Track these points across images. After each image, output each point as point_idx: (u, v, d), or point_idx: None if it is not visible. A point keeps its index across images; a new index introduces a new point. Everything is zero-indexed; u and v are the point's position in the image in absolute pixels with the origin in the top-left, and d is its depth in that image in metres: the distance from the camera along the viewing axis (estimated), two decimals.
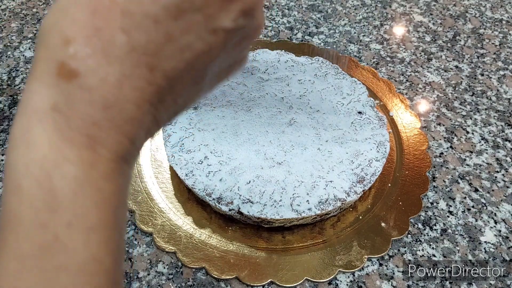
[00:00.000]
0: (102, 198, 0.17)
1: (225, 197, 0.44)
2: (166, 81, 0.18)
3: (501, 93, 0.62)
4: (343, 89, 0.55)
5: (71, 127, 0.16)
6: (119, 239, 0.18)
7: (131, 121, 0.18)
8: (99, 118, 0.17)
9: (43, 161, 0.16)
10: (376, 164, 0.47)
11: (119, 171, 0.18)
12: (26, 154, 0.16)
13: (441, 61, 0.66)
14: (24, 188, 0.16)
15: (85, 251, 0.17)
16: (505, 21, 0.74)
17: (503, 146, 0.55)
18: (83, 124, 0.17)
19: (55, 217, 0.16)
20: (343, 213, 0.48)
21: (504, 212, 0.49)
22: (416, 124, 0.56)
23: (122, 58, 0.17)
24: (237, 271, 0.43)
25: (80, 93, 0.16)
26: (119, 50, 0.16)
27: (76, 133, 0.16)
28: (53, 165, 0.16)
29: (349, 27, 0.72)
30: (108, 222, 0.17)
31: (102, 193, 0.17)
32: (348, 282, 0.43)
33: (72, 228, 0.16)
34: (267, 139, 0.49)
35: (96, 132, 0.17)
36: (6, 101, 0.59)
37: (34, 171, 0.16)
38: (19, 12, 0.73)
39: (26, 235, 0.16)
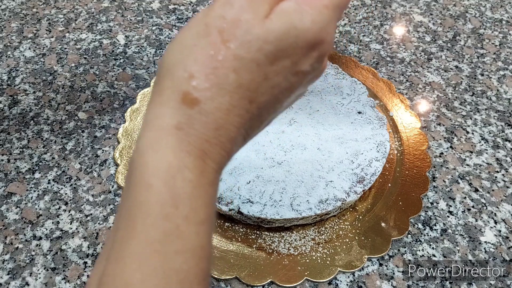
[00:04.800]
0: (209, 199, 0.22)
1: (225, 197, 0.44)
2: (258, 111, 0.23)
3: (501, 93, 0.62)
4: (343, 89, 0.55)
5: (190, 142, 0.21)
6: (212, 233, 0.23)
7: (231, 140, 0.22)
8: (211, 137, 0.21)
9: (169, 166, 0.20)
10: (376, 164, 0.47)
11: (217, 179, 0.23)
12: (155, 159, 0.20)
13: (441, 61, 0.66)
14: (153, 185, 0.20)
15: (197, 240, 0.21)
16: (505, 21, 0.74)
17: (503, 146, 0.55)
18: (199, 141, 0.21)
19: (177, 211, 0.20)
20: (343, 213, 0.48)
21: (504, 212, 0.49)
22: (416, 124, 0.56)
23: (232, 92, 0.21)
24: (237, 271, 0.43)
25: (199, 116, 0.21)
26: (230, 85, 0.21)
27: (193, 147, 0.21)
28: (176, 170, 0.20)
29: (349, 27, 0.72)
30: (210, 218, 0.22)
31: (208, 195, 0.22)
32: (348, 282, 0.43)
33: (189, 220, 0.20)
34: (267, 139, 0.49)
35: (207, 147, 0.21)
36: (6, 101, 0.59)
37: (162, 173, 0.20)
38: (19, 12, 0.73)
39: (154, 223, 0.20)
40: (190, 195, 0.21)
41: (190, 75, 0.21)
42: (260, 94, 0.22)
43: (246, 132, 0.23)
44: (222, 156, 0.22)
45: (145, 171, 0.20)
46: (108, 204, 0.48)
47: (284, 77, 0.23)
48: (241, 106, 0.22)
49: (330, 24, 0.23)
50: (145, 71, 0.63)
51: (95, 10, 0.74)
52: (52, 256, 0.44)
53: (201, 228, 0.21)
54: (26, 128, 0.56)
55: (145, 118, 0.22)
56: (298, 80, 0.24)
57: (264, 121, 0.25)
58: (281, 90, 0.23)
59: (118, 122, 0.56)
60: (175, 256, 0.20)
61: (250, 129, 0.24)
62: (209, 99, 0.21)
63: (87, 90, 0.61)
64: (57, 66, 0.64)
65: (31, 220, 0.47)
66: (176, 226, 0.20)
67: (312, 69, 0.24)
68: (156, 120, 0.21)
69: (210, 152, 0.22)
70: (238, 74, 0.21)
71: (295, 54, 0.22)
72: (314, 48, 0.23)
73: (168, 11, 0.74)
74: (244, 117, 0.22)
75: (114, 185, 0.50)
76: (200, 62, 0.21)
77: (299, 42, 0.22)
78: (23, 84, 0.61)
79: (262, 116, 0.24)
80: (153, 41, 0.68)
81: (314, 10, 0.22)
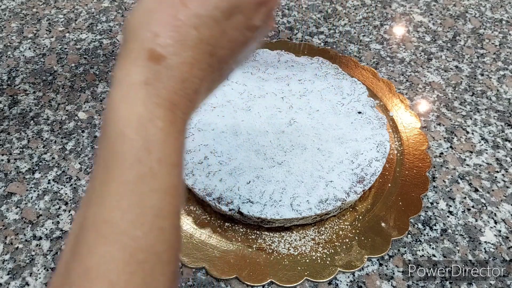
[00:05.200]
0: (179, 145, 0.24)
1: (225, 197, 0.44)
2: (218, 64, 0.25)
3: (501, 93, 0.62)
4: (343, 89, 0.55)
5: (159, 95, 0.23)
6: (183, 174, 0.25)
7: (196, 92, 0.24)
8: (178, 89, 0.23)
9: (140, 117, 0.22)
10: (376, 164, 0.47)
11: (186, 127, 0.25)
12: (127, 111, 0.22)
13: (441, 61, 0.66)
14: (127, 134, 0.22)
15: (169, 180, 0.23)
16: (505, 21, 0.74)
17: (503, 146, 0.55)
18: (167, 93, 0.23)
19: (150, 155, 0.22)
20: (343, 213, 0.48)
21: (504, 212, 0.49)
22: (416, 124, 0.56)
23: (194, 47, 0.23)
24: (237, 271, 0.43)
25: (166, 71, 0.23)
26: (192, 41, 0.23)
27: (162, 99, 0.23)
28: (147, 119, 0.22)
29: (349, 27, 0.72)
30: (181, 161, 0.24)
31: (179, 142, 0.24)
32: (348, 282, 0.43)
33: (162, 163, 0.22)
34: (267, 139, 0.49)
35: (175, 99, 0.23)
36: (6, 101, 0.59)
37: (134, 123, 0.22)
38: (19, 12, 0.73)
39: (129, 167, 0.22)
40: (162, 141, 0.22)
41: (154, 35, 0.23)
42: (219, 48, 0.25)
43: (209, 84, 0.26)
44: (189, 106, 0.24)
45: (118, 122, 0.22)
46: None
47: (239, 31, 0.26)
48: (203, 60, 0.24)
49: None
50: None
51: (95, 10, 0.74)
52: (52, 256, 0.44)
53: (173, 169, 0.23)
54: (26, 128, 0.56)
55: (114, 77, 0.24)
56: (251, 34, 0.27)
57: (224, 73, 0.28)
58: (237, 44, 0.26)
59: None
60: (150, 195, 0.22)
61: (212, 82, 0.26)
62: (173, 55, 0.23)
63: (87, 90, 0.61)
64: (57, 66, 0.64)
65: (31, 220, 0.47)
66: (150, 168, 0.22)
67: (263, 23, 0.27)
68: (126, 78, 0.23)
69: (178, 103, 0.23)
70: (198, 31, 0.23)
71: (247, 10, 0.25)
72: (262, 4, 0.26)
73: None
74: (206, 70, 0.25)
75: None
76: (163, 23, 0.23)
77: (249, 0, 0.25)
78: (23, 84, 0.61)
79: (222, 69, 0.27)
80: None
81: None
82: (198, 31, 0.23)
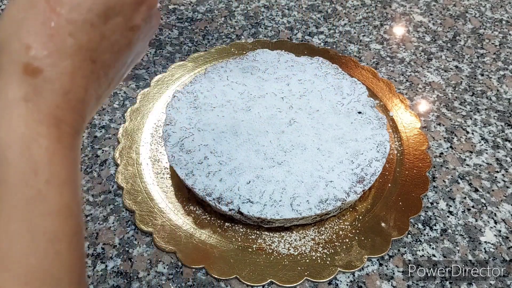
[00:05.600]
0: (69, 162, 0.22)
1: (225, 197, 0.44)
2: (103, 69, 0.24)
3: (501, 93, 0.62)
4: (343, 89, 0.55)
5: (40, 111, 0.21)
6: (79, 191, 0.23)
7: (83, 102, 0.23)
8: (61, 102, 0.22)
9: (23, 137, 0.21)
10: (376, 164, 0.47)
11: (76, 142, 0.23)
12: (8, 132, 0.21)
13: (441, 61, 0.66)
14: (9, 158, 0.20)
15: (61, 200, 0.21)
16: (505, 21, 0.74)
17: (503, 146, 0.55)
18: (49, 108, 0.22)
19: (37, 177, 0.21)
20: (343, 213, 0.48)
21: (504, 212, 0.49)
22: (416, 124, 0.56)
23: (72, 55, 0.22)
24: (237, 271, 0.43)
25: (45, 84, 0.21)
26: (70, 49, 0.22)
27: (44, 116, 0.21)
28: (30, 139, 0.21)
29: (349, 27, 0.72)
30: (73, 178, 0.23)
31: (67, 159, 0.22)
32: (348, 282, 0.43)
33: (50, 184, 0.21)
34: (267, 139, 0.49)
35: (59, 113, 0.22)
36: None
37: (16, 145, 0.21)
38: None
39: (16, 191, 0.20)
40: (48, 161, 0.21)
41: (26, 47, 0.21)
42: (101, 52, 0.24)
43: (96, 92, 0.24)
44: (77, 119, 0.23)
45: None
46: (108, 204, 0.48)
47: (120, 33, 0.25)
48: (85, 67, 0.23)
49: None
50: (145, 71, 0.63)
51: None
52: None
53: (65, 189, 0.22)
54: None
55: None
56: (135, 35, 0.26)
57: (112, 79, 0.26)
58: (121, 46, 0.25)
59: (118, 122, 0.56)
60: (40, 219, 0.20)
61: (99, 89, 0.25)
62: (50, 66, 0.21)
63: None
64: None
65: None
66: (38, 190, 0.21)
67: (145, 23, 0.26)
68: (2, 95, 0.21)
69: (64, 117, 0.22)
70: (74, 37, 0.22)
71: (125, 10, 0.24)
72: (141, 3, 0.25)
73: (168, 11, 0.74)
74: (90, 78, 0.23)
75: (114, 185, 0.50)
76: (33, 32, 0.21)
77: None
78: None
79: (109, 75, 0.25)
80: (153, 41, 0.68)
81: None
82: (74, 37, 0.22)
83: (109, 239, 0.46)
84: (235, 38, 0.69)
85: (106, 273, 0.43)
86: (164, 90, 0.60)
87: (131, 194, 0.48)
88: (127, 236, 0.46)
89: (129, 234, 0.46)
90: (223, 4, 0.76)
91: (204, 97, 0.54)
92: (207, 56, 0.65)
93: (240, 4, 0.76)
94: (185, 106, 0.52)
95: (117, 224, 0.47)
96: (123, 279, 0.43)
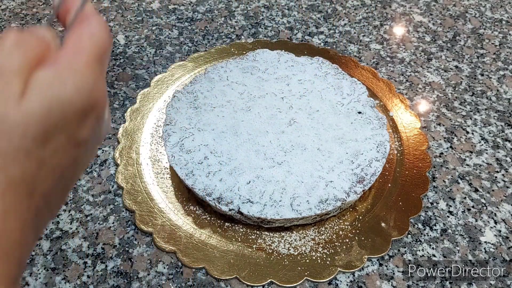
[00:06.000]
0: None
1: (225, 197, 0.44)
2: (43, 200, 0.20)
3: (501, 93, 0.62)
4: (343, 89, 0.55)
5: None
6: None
7: (18, 245, 0.19)
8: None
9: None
10: (376, 164, 0.47)
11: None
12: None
13: (441, 61, 0.66)
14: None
15: None
16: (505, 21, 0.74)
17: (503, 146, 0.55)
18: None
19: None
20: (343, 213, 0.48)
21: (504, 212, 0.49)
22: (416, 124, 0.56)
23: (2, 194, 0.18)
24: (237, 271, 0.43)
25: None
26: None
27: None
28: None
29: (349, 27, 0.72)
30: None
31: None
32: (348, 282, 0.43)
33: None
34: (267, 139, 0.49)
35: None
36: None
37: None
38: (19, 12, 0.73)
39: None
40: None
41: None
42: (40, 182, 0.20)
43: (36, 226, 0.21)
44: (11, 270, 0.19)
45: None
46: (108, 204, 0.48)
47: (63, 154, 0.20)
48: (19, 205, 0.19)
49: (98, 81, 0.21)
50: (145, 71, 0.63)
51: None
52: (52, 256, 0.44)
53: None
54: None
55: None
56: (81, 149, 0.22)
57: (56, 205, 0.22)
58: (64, 168, 0.21)
59: (118, 122, 0.56)
60: None
61: (40, 221, 0.21)
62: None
63: None
64: None
65: None
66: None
67: (94, 133, 0.22)
68: None
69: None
70: (4, 172, 0.18)
71: (68, 127, 0.20)
72: (88, 114, 0.21)
73: (168, 11, 0.74)
74: (27, 216, 0.19)
75: (114, 185, 0.50)
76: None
77: (69, 114, 0.20)
78: None
79: (51, 204, 0.21)
80: (153, 41, 0.68)
81: (76, 73, 0.20)
82: (4, 172, 0.18)
83: (109, 239, 0.46)
84: (235, 38, 0.69)
85: (106, 273, 0.43)
86: (164, 90, 0.60)
87: (131, 194, 0.48)
88: (127, 236, 0.46)
89: (129, 234, 0.46)
90: (223, 4, 0.76)
91: (204, 97, 0.54)
92: (207, 56, 0.65)
93: (240, 4, 0.76)
94: (185, 106, 0.52)
95: (117, 224, 0.47)
96: (123, 279, 0.43)
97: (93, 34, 0.21)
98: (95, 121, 0.22)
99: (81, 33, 0.21)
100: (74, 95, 0.19)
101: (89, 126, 0.21)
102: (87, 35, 0.21)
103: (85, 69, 0.20)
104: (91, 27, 0.22)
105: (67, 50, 0.21)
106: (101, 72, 0.21)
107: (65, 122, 0.20)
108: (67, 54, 0.20)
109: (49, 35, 0.21)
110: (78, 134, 0.21)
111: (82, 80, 0.20)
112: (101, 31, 0.22)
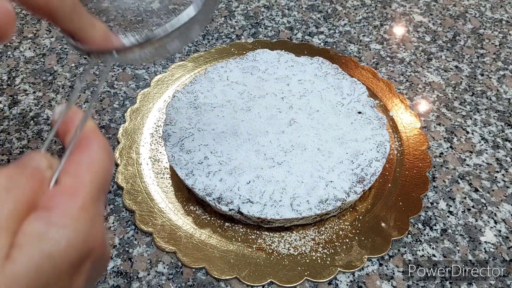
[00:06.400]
0: None
1: (225, 197, 0.44)
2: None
3: (501, 93, 0.62)
4: (343, 89, 0.55)
5: None
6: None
7: None
8: None
9: None
10: (376, 164, 0.47)
11: None
12: None
13: (441, 61, 0.66)
14: None
15: None
16: (505, 21, 0.74)
17: (503, 146, 0.55)
18: None
19: None
20: (343, 213, 0.48)
21: (504, 212, 0.49)
22: (416, 124, 0.56)
23: None
24: (237, 271, 0.43)
25: None
26: None
27: None
28: None
29: (349, 27, 0.72)
30: None
31: None
32: (348, 282, 0.43)
33: None
34: (267, 139, 0.49)
35: None
36: (6, 101, 0.59)
37: None
38: (19, 12, 0.73)
39: None
40: None
41: None
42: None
43: None
44: None
45: None
46: (108, 204, 0.48)
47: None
48: None
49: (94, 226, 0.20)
50: (145, 71, 0.63)
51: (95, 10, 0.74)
52: None
53: None
54: (26, 128, 0.56)
55: None
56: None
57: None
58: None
59: (118, 122, 0.56)
60: None
61: None
62: None
63: (87, 90, 0.61)
64: (57, 66, 0.64)
65: None
66: None
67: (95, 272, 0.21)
68: None
69: None
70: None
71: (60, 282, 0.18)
72: (84, 262, 0.19)
73: (168, 11, 0.74)
74: None
75: (114, 185, 0.50)
76: None
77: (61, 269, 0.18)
78: (23, 84, 0.61)
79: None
80: None
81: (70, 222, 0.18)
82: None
83: (109, 239, 0.46)
84: (235, 38, 0.69)
85: (106, 273, 0.43)
86: (164, 90, 0.60)
87: (131, 194, 0.48)
88: (127, 236, 0.46)
89: (129, 234, 0.46)
90: (223, 4, 0.76)
91: (204, 97, 0.54)
92: (207, 56, 0.65)
93: (240, 4, 0.76)
94: (185, 106, 0.52)
95: (117, 224, 0.47)
96: (123, 279, 0.43)
97: (92, 163, 0.20)
98: (91, 266, 0.20)
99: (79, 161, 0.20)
100: (68, 249, 0.18)
101: (84, 273, 0.20)
102: (86, 165, 0.20)
103: (80, 214, 0.19)
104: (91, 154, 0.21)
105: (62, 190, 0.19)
106: (97, 212, 0.20)
107: (57, 278, 0.18)
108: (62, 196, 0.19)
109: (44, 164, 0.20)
110: (74, 282, 0.19)
111: (77, 229, 0.18)
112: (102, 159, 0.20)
